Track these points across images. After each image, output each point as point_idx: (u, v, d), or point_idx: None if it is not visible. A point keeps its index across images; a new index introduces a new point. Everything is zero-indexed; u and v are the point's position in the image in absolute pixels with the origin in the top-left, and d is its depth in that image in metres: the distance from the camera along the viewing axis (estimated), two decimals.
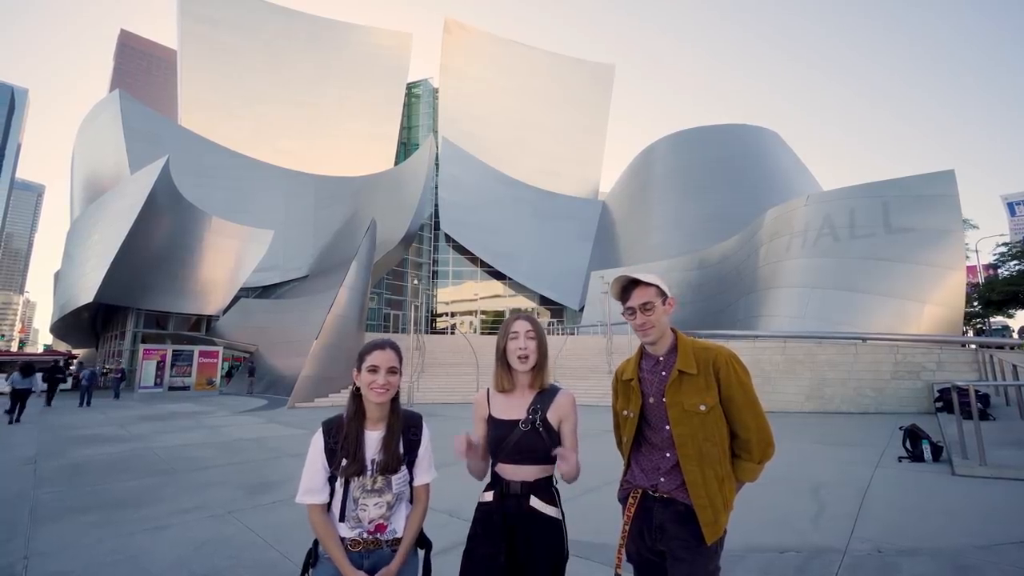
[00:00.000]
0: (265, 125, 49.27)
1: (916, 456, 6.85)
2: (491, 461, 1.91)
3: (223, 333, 29.66)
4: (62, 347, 43.86)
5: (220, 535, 4.21)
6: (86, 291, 25.71)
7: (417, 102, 56.37)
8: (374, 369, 1.71)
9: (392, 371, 1.73)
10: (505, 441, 1.82)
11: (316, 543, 1.71)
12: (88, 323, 32.51)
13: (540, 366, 1.90)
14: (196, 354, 24.98)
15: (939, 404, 11.62)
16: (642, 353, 1.94)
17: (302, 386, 17.14)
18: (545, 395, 1.89)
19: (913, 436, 7.03)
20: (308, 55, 52.52)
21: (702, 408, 1.73)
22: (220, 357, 26.19)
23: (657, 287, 1.84)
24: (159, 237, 26.83)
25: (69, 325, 31.87)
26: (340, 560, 1.63)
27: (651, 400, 1.83)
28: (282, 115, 50.44)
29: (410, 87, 55.84)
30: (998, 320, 27.59)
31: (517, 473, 1.81)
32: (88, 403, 18.16)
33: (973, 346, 14.70)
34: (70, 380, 27.73)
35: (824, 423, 11.46)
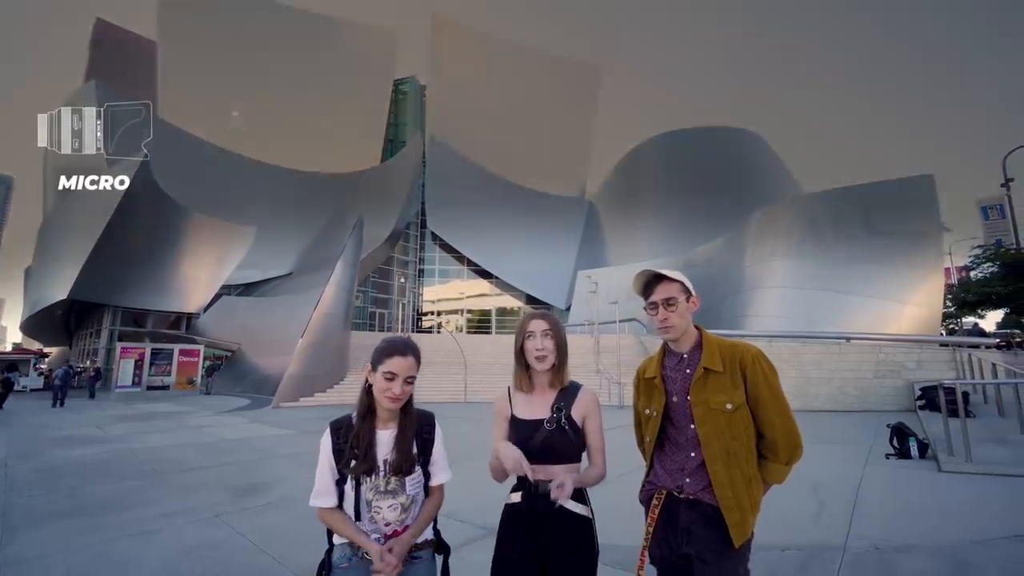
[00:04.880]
0: (248, 120, 48.29)
1: (903, 453, 6.97)
2: None
3: (204, 331, 29.01)
4: (34, 346, 42.39)
5: (209, 539, 4.07)
6: (60, 288, 24.89)
7: (404, 99, 55.83)
8: (391, 376, 1.61)
9: (409, 380, 1.64)
10: (531, 441, 1.76)
11: (328, 551, 1.61)
12: (61, 321, 31.47)
13: (560, 364, 1.84)
14: (176, 353, 24.38)
15: (921, 402, 11.88)
16: (665, 350, 1.89)
17: (287, 385, 16.82)
18: (567, 393, 1.83)
19: (900, 434, 7.15)
20: (293, 50, 51.60)
21: (728, 407, 1.69)
22: (201, 356, 25.61)
23: (681, 283, 1.79)
24: (137, 233, 26.02)
25: (41, 323, 30.82)
26: (358, 538, 1.55)
27: (675, 398, 1.79)
28: (266, 111, 49.49)
29: (397, 84, 55.22)
30: (968, 321, 28.52)
31: (544, 473, 1.75)
32: (62, 403, 17.58)
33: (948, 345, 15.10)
34: (41, 379, 27.49)
35: (809, 421, 11.61)
